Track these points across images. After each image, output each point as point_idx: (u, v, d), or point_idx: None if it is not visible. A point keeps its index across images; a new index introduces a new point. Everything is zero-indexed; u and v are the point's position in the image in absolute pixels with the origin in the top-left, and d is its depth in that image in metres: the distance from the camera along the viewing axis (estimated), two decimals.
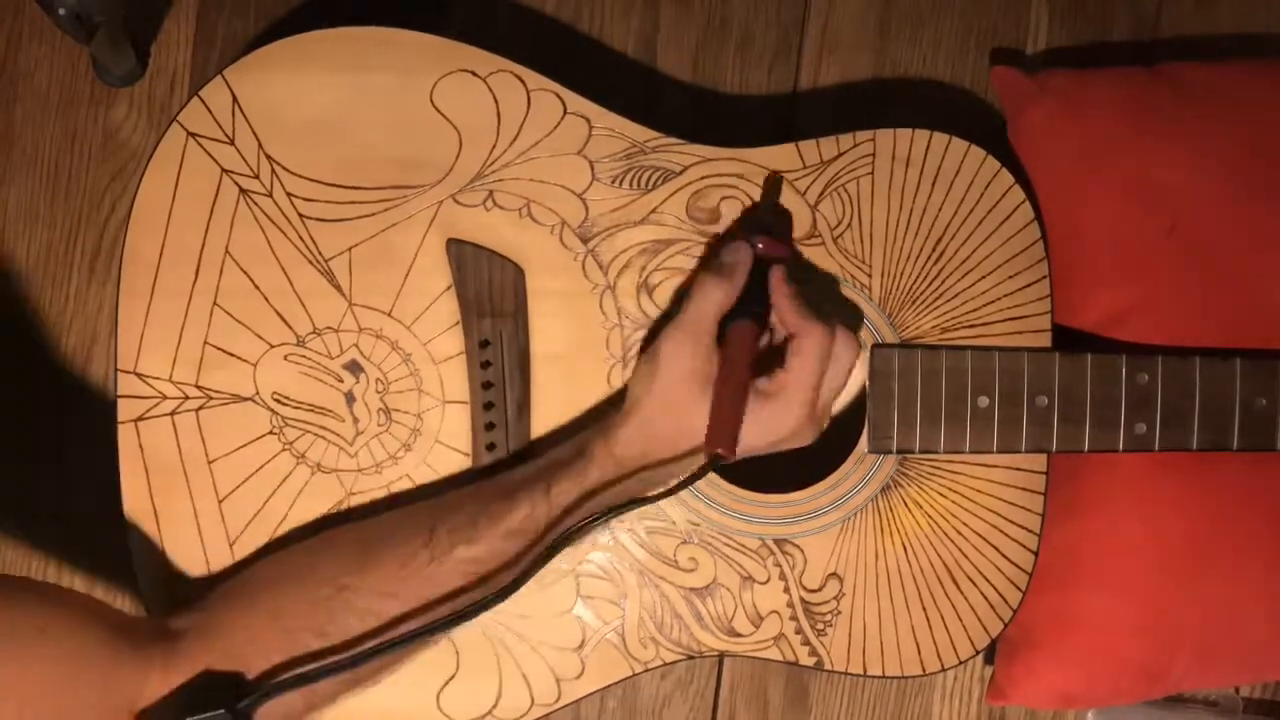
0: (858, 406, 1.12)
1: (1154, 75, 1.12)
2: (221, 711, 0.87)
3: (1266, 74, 1.12)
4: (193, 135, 1.05)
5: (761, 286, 0.99)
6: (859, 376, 1.06)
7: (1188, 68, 1.12)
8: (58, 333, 1.19)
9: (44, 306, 1.19)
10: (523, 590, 1.04)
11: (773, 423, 0.96)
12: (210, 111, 1.05)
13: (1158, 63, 1.13)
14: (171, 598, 1.05)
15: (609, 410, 1.01)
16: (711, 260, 1.02)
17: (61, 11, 1.05)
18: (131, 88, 1.19)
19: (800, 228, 1.06)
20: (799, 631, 1.07)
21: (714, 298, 0.96)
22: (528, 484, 0.96)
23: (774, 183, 1.06)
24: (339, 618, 0.93)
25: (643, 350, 1.05)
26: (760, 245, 1.00)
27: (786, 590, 1.07)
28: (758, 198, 1.05)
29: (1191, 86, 1.10)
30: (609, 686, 1.10)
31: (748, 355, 0.96)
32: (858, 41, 1.20)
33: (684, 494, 1.06)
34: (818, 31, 1.21)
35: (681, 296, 1.03)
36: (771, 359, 0.98)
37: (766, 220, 1.05)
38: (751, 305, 0.98)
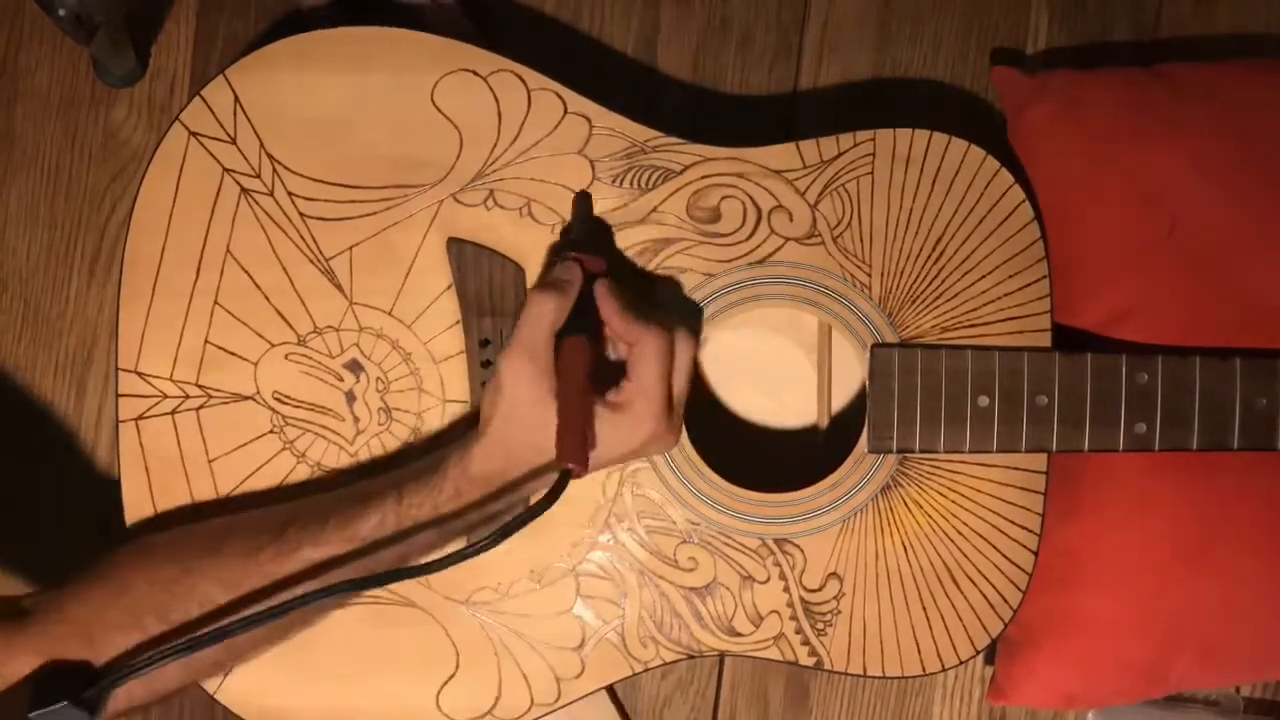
0: (858, 406, 1.13)
1: (1154, 75, 1.12)
2: (64, 703, 0.87)
3: (1266, 74, 1.12)
4: (194, 135, 1.05)
5: (587, 304, 0.98)
6: (858, 375, 1.06)
7: (1187, 68, 1.12)
8: (58, 332, 1.19)
9: (44, 306, 1.19)
10: (523, 590, 1.05)
11: (628, 432, 0.97)
12: (212, 111, 1.05)
13: (1157, 63, 1.13)
14: None
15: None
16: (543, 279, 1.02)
17: (61, 12, 1.05)
18: (132, 88, 1.19)
19: (800, 227, 1.06)
20: (799, 631, 1.07)
21: (545, 311, 0.96)
22: (380, 493, 0.96)
23: (583, 199, 1.06)
24: (180, 602, 0.93)
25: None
26: (583, 261, 1.00)
27: (786, 590, 1.07)
28: (758, 198, 1.05)
29: (1191, 87, 1.10)
30: (609, 686, 1.11)
31: (583, 369, 0.95)
32: (858, 41, 1.21)
33: (684, 493, 1.06)
34: (818, 31, 1.21)
35: None
36: (618, 372, 0.98)
37: (578, 236, 1.05)
38: (584, 321, 0.98)
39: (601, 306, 0.98)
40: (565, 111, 1.05)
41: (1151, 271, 1.08)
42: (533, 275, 1.05)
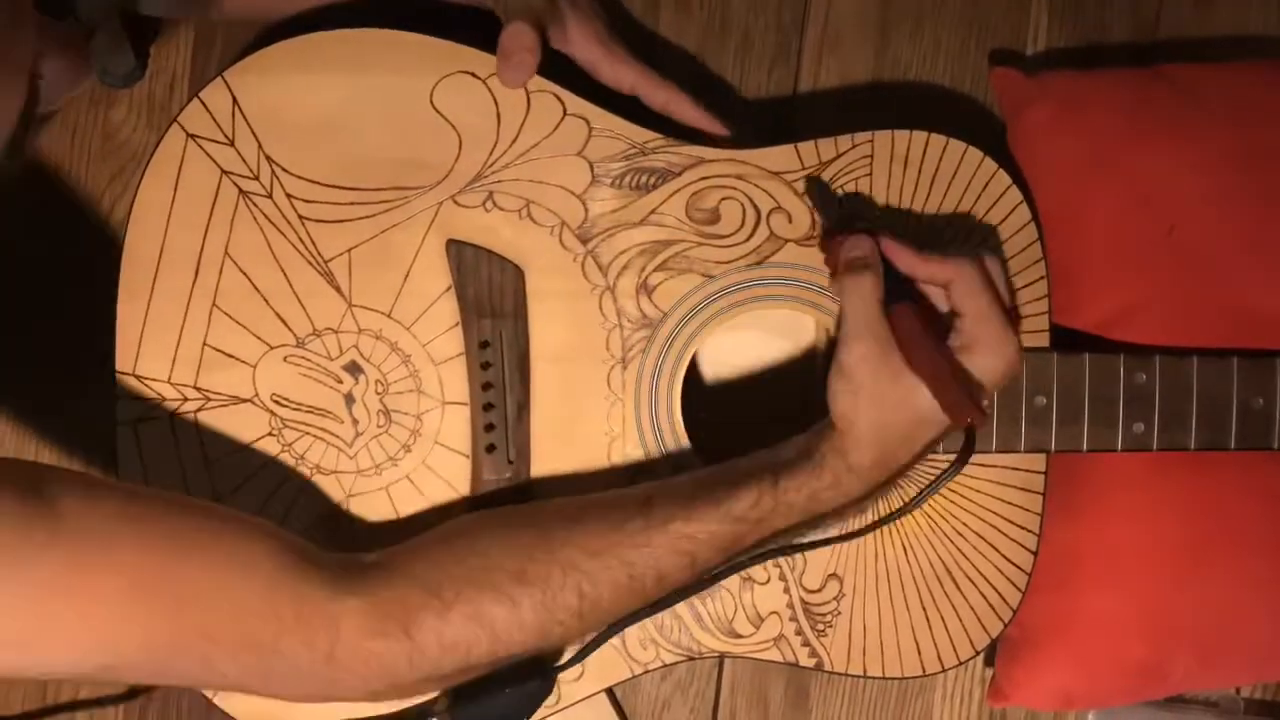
0: None
1: (1154, 76, 1.12)
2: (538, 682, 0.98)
3: (1266, 75, 1.12)
4: (192, 136, 1.05)
5: (886, 269, 0.98)
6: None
7: (1187, 69, 1.12)
8: (55, 334, 1.19)
9: (42, 308, 1.19)
10: None
11: (995, 359, 0.96)
12: (210, 113, 1.05)
13: (1156, 64, 1.13)
14: None
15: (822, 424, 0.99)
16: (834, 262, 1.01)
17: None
18: (131, 89, 1.19)
19: (799, 228, 1.06)
20: (799, 632, 1.07)
21: (866, 291, 0.96)
22: (756, 474, 0.95)
23: (815, 182, 1.06)
24: (539, 565, 0.93)
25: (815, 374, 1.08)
26: (857, 230, 1.00)
27: (786, 591, 1.07)
28: (757, 199, 1.05)
29: (1191, 87, 1.11)
30: (608, 688, 1.11)
31: (923, 329, 0.96)
32: (858, 43, 1.21)
33: None
34: (817, 32, 1.21)
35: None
36: (944, 321, 0.98)
37: (838, 213, 1.05)
38: (893, 286, 0.98)
39: (899, 262, 0.98)
40: (564, 113, 1.05)
41: (1150, 273, 1.08)
42: (532, 277, 1.05)
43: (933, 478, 0.98)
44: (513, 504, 1.04)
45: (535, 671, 1.00)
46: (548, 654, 1.01)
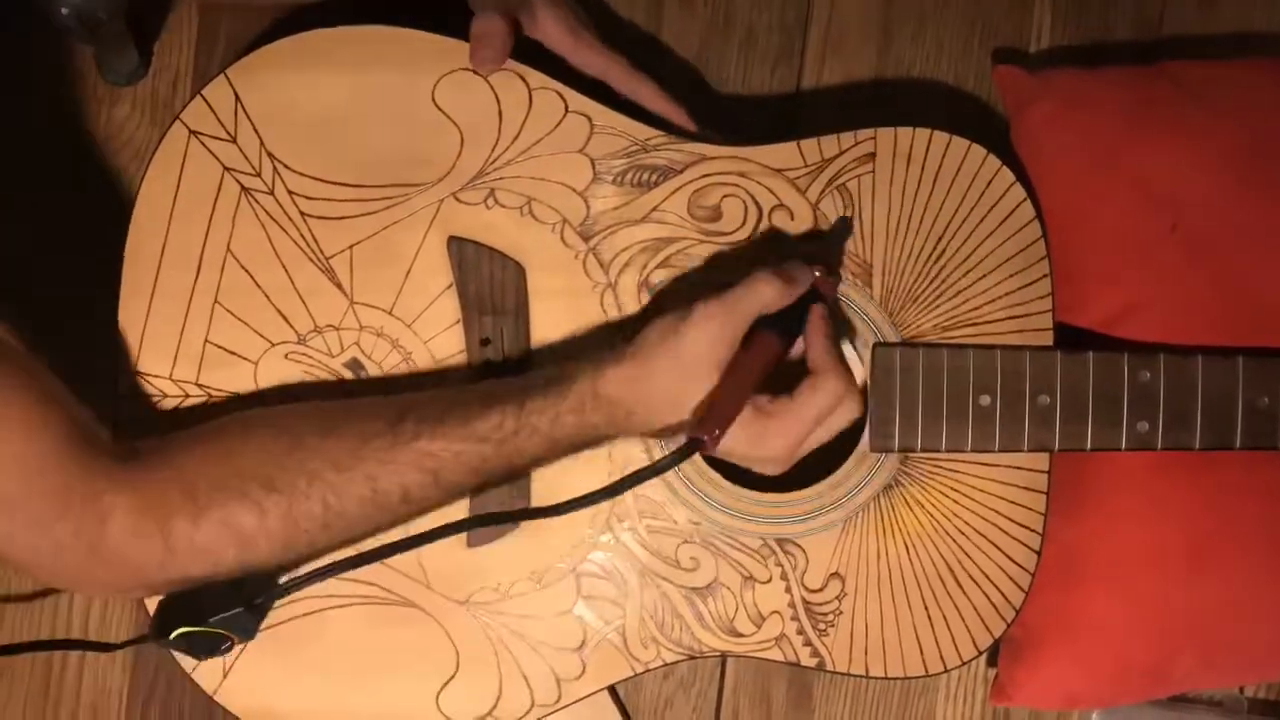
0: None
1: (1157, 74, 1.11)
2: (240, 610, 0.98)
3: (1269, 73, 1.12)
4: (195, 133, 1.05)
5: (798, 313, 0.99)
6: (860, 374, 1.06)
7: (1191, 66, 1.12)
8: (58, 330, 1.18)
9: (45, 305, 1.18)
10: (523, 590, 1.05)
11: (758, 440, 0.96)
12: (213, 110, 1.05)
13: (1160, 62, 1.13)
14: None
15: (603, 346, 1.00)
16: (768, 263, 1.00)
17: (64, 11, 1.04)
18: (134, 86, 1.19)
19: (802, 226, 1.05)
20: (800, 632, 1.07)
21: (764, 295, 0.96)
22: (503, 395, 0.95)
23: (845, 225, 1.06)
24: (289, 475, 0.94)
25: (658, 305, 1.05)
26: (818, 273, 1.00)
27: (788, 590, 1.06)
28: (759, 196, 1.05)
29: (1194, 85, 1.10)
30: (610, 687, 1.10)
31: (762, 366, 0.96)
32: (861, 41, 1.20)
33: (685, 492, 1.06)
34: (821, 30, 1.21)
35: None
36: (775, 383, 0.98)
37: (831, 258, 1.05)
38: (784, 324, 0.98)
39: (811, 326, 0.99)
40: (566, 110, 1.05)
41: (1154, 270, 1.08)
42: (533, 274, 1.05)
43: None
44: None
45: (239, 600, 1.00)
46: (291, 567, 1.02)
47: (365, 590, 1.05)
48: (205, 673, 1.04)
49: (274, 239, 1.05)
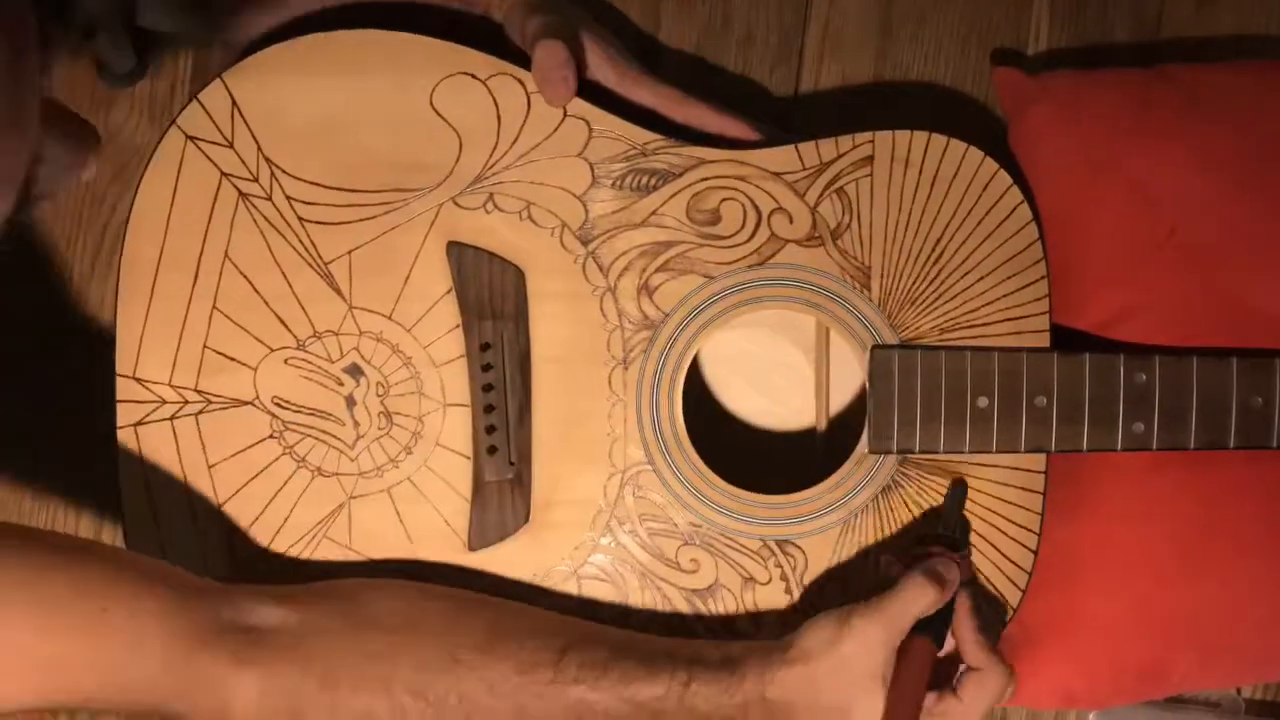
0: (856, 407, 1.13)
1: (1156, 77, 1.12)
2: None
3: (1268, 76, 1.12)
4: (191, 138, 1.05)
5: (948, 607, 0.99)
6: (857, 377, 1.06)
7: (1189, 69, 1.12)
8: (56, 335, 1.18)
9: (42, 309, 1.19)
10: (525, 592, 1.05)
11: None
12: (209, 115, 1.05)
13: (1159, 64, 1.13)
14: None
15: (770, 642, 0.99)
16: (913, 560, 1.01)
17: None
18: (132, 89, 1.19)
19: (800, 229, 1.06)
20: None
21: (923, 604, 0.96)
22: (670, 667, 0.94)
23: (959, 489, 1.06)
24: (439, 689, 0.92)
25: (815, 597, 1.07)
26: (957, 558, 1.00)
27: (788, 591, 1.07)
28: (758, 200, 1.05)
29: (1193, 88, 1.10)
30: None
31: (926, 675, 0.96)
32: (859, 43, 1.20)
33: (685, 495, 1.06)
34: (819, 32, 1.21)
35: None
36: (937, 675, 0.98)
37: (955, 533, 1.04)
38: (934, 622, 0.97)
39: (961, 623, 0.99)
40: (564, 115, 1.05)
41: (1151, 273, 1.08)
42: (533, 278, 1.05)
43: None
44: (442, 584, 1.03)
45: None
46: None
47: None
48: None
49: (272, 245, 1.05)
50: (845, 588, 1.07)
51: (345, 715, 0.91)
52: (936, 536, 1.04)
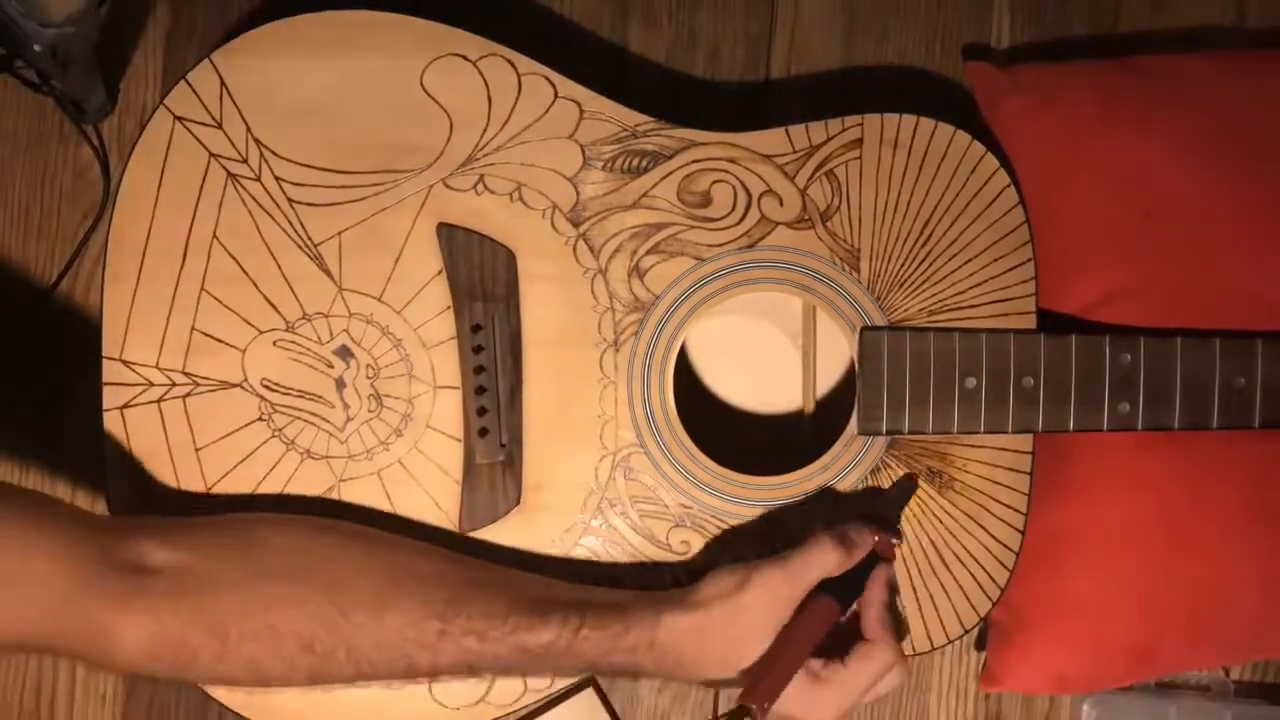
0: (843, 389, 1.13)
1: (1125, 67, 1.14)
2: None
3: (1232, 64, 1.14)
4: (180, 119, 1.04)
5: (855, 575, 0.99)
6: (844, 358, 1.06)
7: (1156, 60, 1.15)
8: (40, 315, 1.17)
9: (26, 295, 1.17)
10: None
11: (808, 706, 0.96)
12: (198, 95, 1.04)
13: (1119, 57, 1.16)
14: None
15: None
16: (830, 525, 1.01)
17: (37, 48, 1.03)
18: (101, 124, 1.17)
19: (790, 211, 1.07)
20: None
21: (826, 564, 0.97)
22: (561, 613, 0.94)
23: (908, 482, 1.07)
24: (328, 642, 0.91)
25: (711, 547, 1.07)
26: (878, 539, 1.01)
27: None
28: (748, 182, 1.06)
29: (1161, 78, 1.13)
30: (602, 694, 1.10)
31: (820, 633, 0.96)
32: (825, 50, 1.22)
33: (676, 476, 1.06)
34: (785, 41, 1.22)
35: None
36: (830, 647, 0.97)
37: (893, 519, 1.05)
38: (842, 588, 0.98)
39: (871, 591, 0.99)
40: (555, 96, 1.06)
41: (1129, 257, 1.10)
42: (524, 260, 1.05)
43: None
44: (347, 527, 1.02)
45: None
46: None
47: None
48: None
49: (261, 226, 1.05)
50: None
51: (233, 663, 0.90)
52: (869, 515, 1.04)
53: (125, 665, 0.89)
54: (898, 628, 1.00)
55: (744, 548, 1.06)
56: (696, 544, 1.06)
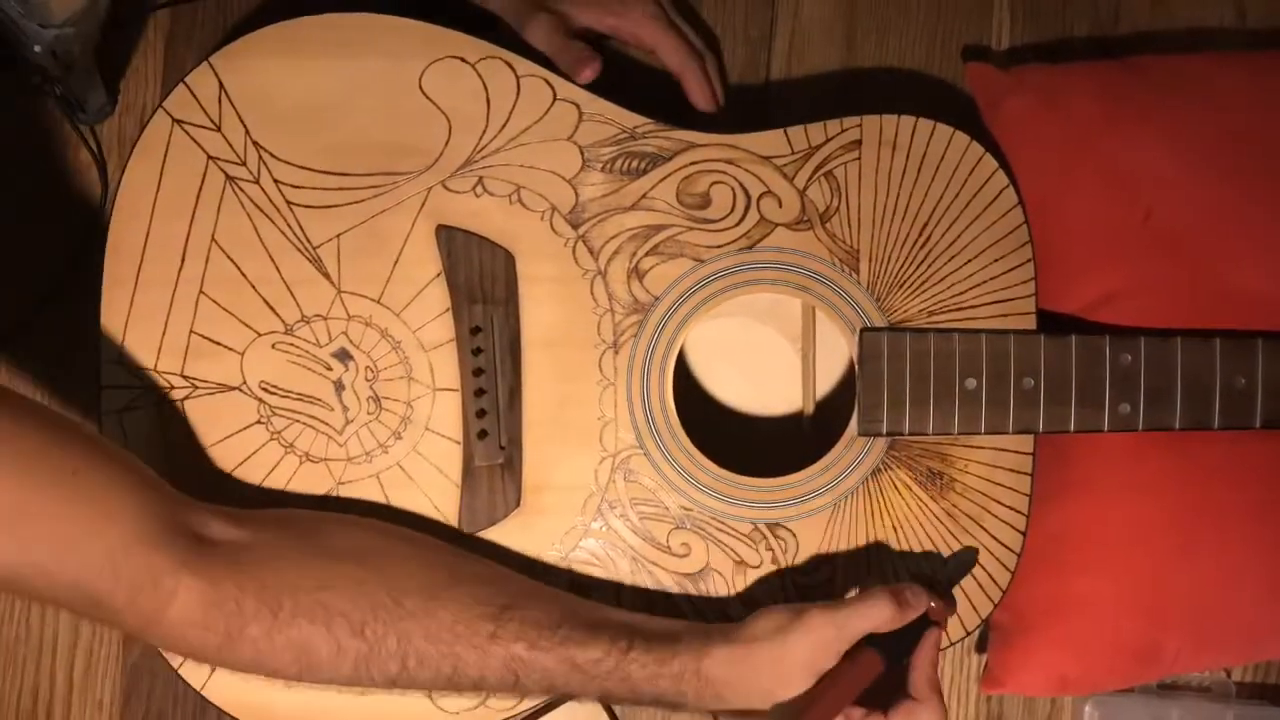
0: (843, 390, 1.13)
1: (1126, 67, 1.14)
2: None
3: (1232, 65, 1.14)
4: (178, 122, 1.04)
5: (905, 635, 0.99)
6: (844, 360, 1.06)
7: (1157, 60, 1.15)
8: (39, 318, 1.16)
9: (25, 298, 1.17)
10: None
11: None
12: (196, 98, 1.04)
13: (1121, 57, 1.16)
14: None
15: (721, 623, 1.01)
16: (886, 580, 1.03)
17: (38, 49, 1.03)
18: (100, 126, 1.17)
19: (789, 213, 1.06)
20: None
21: (878, 619, 0.97)
22: (612, 633, 0.95)
23: (969, 555, 1.07)
24: (380, 628, 0.92)
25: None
26: (933, 605, 1.00)
27: (780, 574, 1.06)
28: (747, 183, 1.06)
29: (1163, 78, 1.13)
30: None
31: (863, 683, 0.97)
32: (825, 52, 1.22)
33: (677, 478, 1.05)
34: (785, 43, 1.22)
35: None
36: (874, 700, 0.97)
37: (946, 579, 1.06)
38: (892, 645, 0.98)
39: (922, 653, 0.99)
40: (554, 98, 1.06)
41: (1130, 258, 1.10)
42: (523, 262, 1.05)
43: None
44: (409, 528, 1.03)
45: None
46: None
47: None
48: (192, 668, 1.02)
49: (260, 228, 1.05)
50: (835, 570, 1.06)
51: (281, 641, 0.91)
52: (925, 576, 1.05)
53: (172, 628, 0.89)
54: (939, 693, 1.00)
55: (744, 550, 1.06)
56: (697, 546, 1.06)
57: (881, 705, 0.97)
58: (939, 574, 1.06)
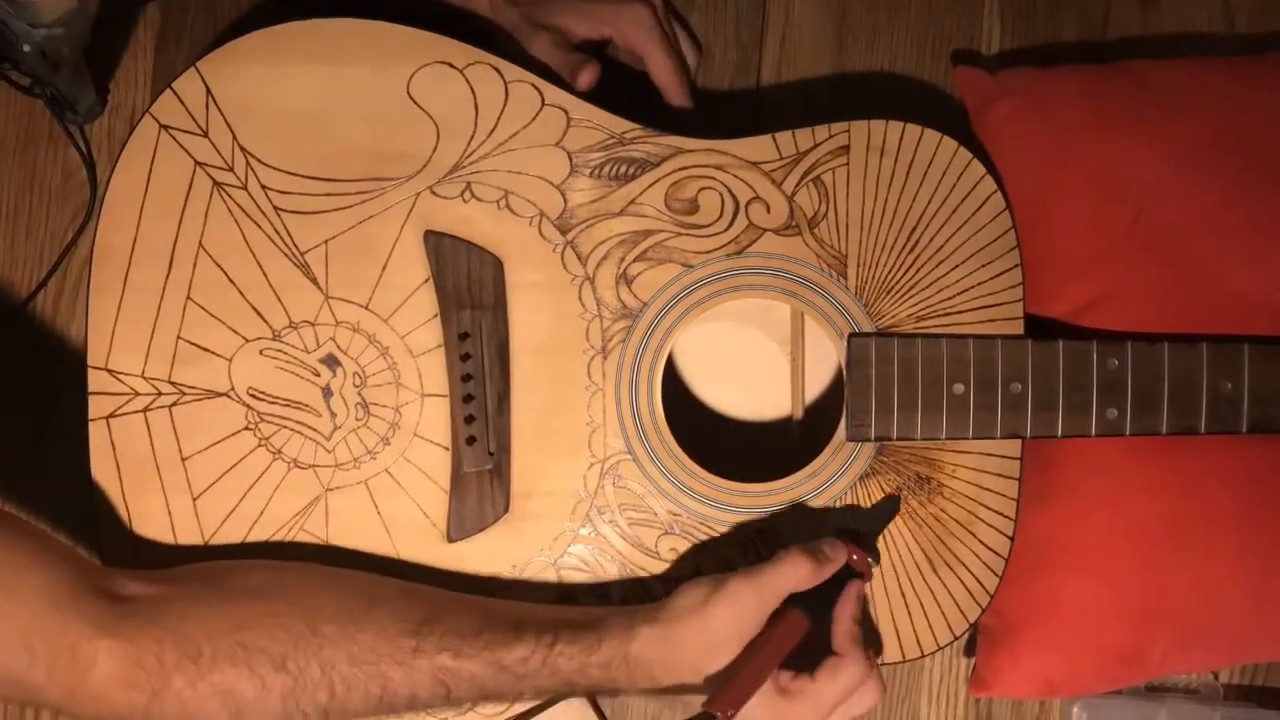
0: (831, 396, 1.13)
1: (1114, 72, 1.14)
2: None
3: (1220, 70, 1.15)
4: (165, 128, 1.04)
5: (830, 591, 0.99)
6: (832, 365, 1.06)
7: (1147, 65, 1.15)
8: (24, 323, 1.16)
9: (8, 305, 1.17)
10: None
11: (778, 718, 0.96)
12: (183, 103, 1.04)
13: (1118, 61, 1.16)
14: None
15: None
16: (805, 539, 1.01)
17: (27, 49, 1.03)
18: (90, 126, 1.17)
19: (778, 218, 1.06)
20: None
21: (796, 577, 0.97)
22: (536, 629, 0.95)
23: (892, 503, 1.07)
24: (302, 659, 0.91)
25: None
26: (855, 557, 1.00)
27: None
28: (735, 189, 1.06)
29: (1151, 83, 1.13)
30: (593, 700, 1.10)
31: (788, 645, 0.96)
32: (816, 56, 1.22)
33: (665, 484, 1.05)
34: (776, 46, 1.22)
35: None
36: (801, 660, 0.97)
37: (866, 530, 1.05)
38: (814, 602, 0.98)
39: (843, 606, 0.99)
40: (542, 104, 1.05)
41: (1118, 262, 1.10)
42: (511, 268, 1.05)
43: None
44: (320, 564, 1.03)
45: None
46: None
47: None
48: None
49: (247, 234, 1.04)
50: None
51: (205, 690, 0.90)
52: (847, 531, 1.04)
53: (97, 693, 0.88)
54: (870, 643, 1.00)
55: (733, 554, 1.06)
56: (686, 552, 1.06)
57: (812, 663, 0.97)
58: (861, 525, 1.06)
